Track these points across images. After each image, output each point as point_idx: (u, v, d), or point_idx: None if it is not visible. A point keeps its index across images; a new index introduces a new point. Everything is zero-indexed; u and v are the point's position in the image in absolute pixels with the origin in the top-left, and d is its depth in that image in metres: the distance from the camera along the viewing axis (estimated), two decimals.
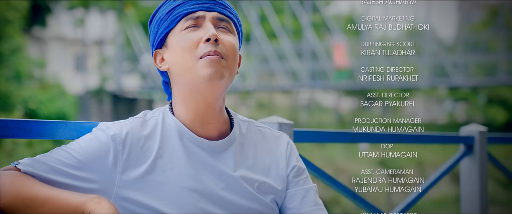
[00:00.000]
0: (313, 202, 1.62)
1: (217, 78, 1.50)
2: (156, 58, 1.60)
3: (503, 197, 15.05)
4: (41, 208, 1.37)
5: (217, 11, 1.56)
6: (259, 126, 1.69)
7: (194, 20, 1.54)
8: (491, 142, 3.40)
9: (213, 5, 1.56)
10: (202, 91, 1.52)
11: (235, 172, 1.55)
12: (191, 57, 1.51)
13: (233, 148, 1.57)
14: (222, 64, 1.50)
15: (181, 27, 1.54)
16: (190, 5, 1.55)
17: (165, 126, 1.54)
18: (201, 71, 1.49)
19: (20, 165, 1.41)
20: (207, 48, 1.50)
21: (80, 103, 19.15)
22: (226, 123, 1.60)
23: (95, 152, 1.45)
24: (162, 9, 1.59)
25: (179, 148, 1.52)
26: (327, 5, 22.52)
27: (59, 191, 1.39)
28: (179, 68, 1.53)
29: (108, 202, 1.38)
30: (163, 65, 1.59)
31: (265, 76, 21.23)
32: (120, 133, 1.48)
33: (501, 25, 16.42)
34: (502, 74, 15.75)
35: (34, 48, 21.26)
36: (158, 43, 1.59)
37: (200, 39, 1.51)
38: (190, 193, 1.49)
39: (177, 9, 1.56)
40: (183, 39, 1.53)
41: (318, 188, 1.67)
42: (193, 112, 1.54)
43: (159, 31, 1.58)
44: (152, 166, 1.49)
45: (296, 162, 1.65)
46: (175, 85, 1.57)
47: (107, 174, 1.45)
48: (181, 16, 1.55)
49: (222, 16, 1.57)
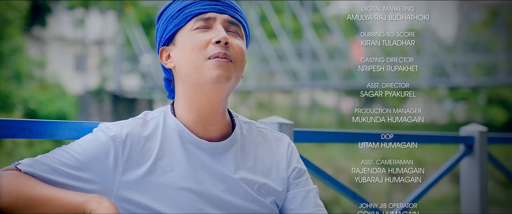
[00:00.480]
0: (314, 204, 1.62)
1: (224, 81, 1.50)
2: (162, 55, 1.60)
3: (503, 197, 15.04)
4: (41, 208, 1.37)
5: (228, 14, 1.56)
6: (260, 127, 1.69)
7: (205, 21, 1.54)
8: (491, 142, 3.40)
9: (225, 8, 1.56)
10: (207, 92, 1.52)
11: (235, 173, 1.55)
12: (200, 57, 1.50)
13: (234, 149, 1.57)
14: (230, 67, 1.51)
15: (191, 27, 1.54)
16: (202, 5, 1.54)
17: (166, 127, 1.54)
18: (208, 72, 1.49)
19: (21, 165, 1.41)
20: (216, 49, 1.50)
21: (80, 103, 19.15)
22: (228, 125, 1.60)
23: (95, 153, 1.45)
24: (172, 7, 1.58)
25: (180, 149, 1.52)
26: (327, 5, 22.51)
27: (59, 191, 1.39)
28: (186, 67, 1.52)
29: (109, 202, 1.38)
30: (169, 62, 1.58)
31: (265, 76, 21.23)
32: (121, 134, 1.48)
33: (501, 25, 16.41)
34: (502, 74, 15.75)
35: (34, 48, 21.26)
36: (166, 40, 1.58)
37: (210, 40, 1.51)
38: (190, 195, 1.48)
39: (188, 8, 1.55)
40: (192, 39, 1.52)
41: (318, 188, 1.67)
42: (196, 113, 1.54)
43: (168, 28, 1.57)
44: (152, 167, 1.49)
45: (296, 164, 1.65)
46: (179, 84, 1.56)
47: (107, 174, 1.45)
48: (192, 16, 1.54)
49: (233, 20, 1.56)
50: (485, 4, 22.04)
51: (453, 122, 21.83)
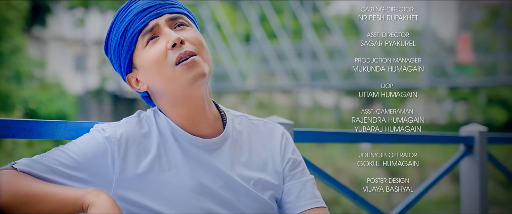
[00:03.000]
0: (311, 195, 1.60)
1: (201, 78, 1.49)
2: (131, 82, 1.57)
3: (503, 197, 15.04)
4: (39, 204, 1.37)
5: (166, 13, 1.53)
6: (252, 119, 1.67)
7: (151, 32, 1.51)
8: (491, 142, 3.39)
9: (160, 9, 1.52)
10: (190, 95, 1.51)
11: (231, 169, 1.54)
12: (166, 68, 1.48)
13: (228, 144, 1.57)
14: (198, 61, 1.49)
15: (142, 45, 1.51)
16: (139, 19, 1.51)
17: (159, 126, 1.54)
18: (182, 77, 1.48)
19: (17, 165, 1.42)
20: (176, 53, 1.48)
21: (80, 103, 19.15)
22: (217, 119, 1.59)
23: (92, 152, 1.45)
24: (114, 34, 1.54)
25: (175, 147, 1.52)
26: (327, 5, 22.51)
27: (57, 187, 1.39)
28: (159, 83, 1.51)
29: (107, 195, 1.38)
30: (141, 86, 1.56)
31: (265, 76, 21.23)
32: (115, 134, 1.48)
33: (501, 25, 16.41)
34: (502, 74, 15.75)
35: (34, 48, 21.26)
36: (126, 68, 1.55)
37: (166, 48, 1.49)
38: (189, 193, 1.48)
39: (128, 29, 1.51)
40: (150, 55, 1.49)
41: (318, 188, 1.66)
42: (184, 115, 1.53)
43: (122, 57, 1.54)
44: (150, 166, 1.48)
45: (291, 155, 1.64)
46: (160, 98, 1.55)
47: (105, 174, 1.45)
48: (136, 35, 1.51)
49: (173, 15, 1.53)
50: (485, 4, 22.04)
51: (453, 122, 21.82)
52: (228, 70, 19.67)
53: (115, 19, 1.54)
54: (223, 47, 19.82)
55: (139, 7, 1.52)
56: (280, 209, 1.61)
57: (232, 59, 19.77)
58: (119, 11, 1.55)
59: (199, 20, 20.35)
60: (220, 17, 20.19)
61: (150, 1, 1.53)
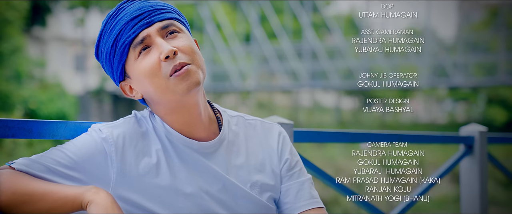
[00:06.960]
0: (308, 195, 1.60)
1: (195, 86, 1.47)
2: (125, 89, 1.56)
3: (503, 197, 15.04)
4: (38, 203, 1.37)
5: (157, 21, 1.49)
6: (249, 119, 1.66)
7: (142, 44, 1.48)
8: (491, 142, 3.39)
9: (150, 17, 1.49)
10: (186, 104, 1.50)
11: (228, 172, 1.53)
12: (160, 80, 1.46)
13: (224, 147, 1.56)
14: (193, 70, 1.47)
15: (134, 56, 1.48)
16: (129, 28, 1.48)
17: (155, 128, 1.53)
18: (177, 88, 1.46)
19: (15, 164, 1.41)
20: (170, 65, 1.46)
21: (80, 103, 19.16)
22: (213, 122, 1.58)
23: (90, 152, 1.45)
24: (104, 43, 1.51)
25: (171, 151, 1.51)
26: (327, 5, 22.51)
27: (55, 185, 1.39)
28: (154, 93, 1.49)
29: (106, 192, 1.38)
30: (135, 94, 1.55)
31: (265, 76, 21.23)
32: (111, 135, 1.48)
33: (501, 25, 16.41)
34: (502, 74, 15.74)
35: (34, 48, 21.26)
36: (119, 76, 1.54)
37: (159, 59, 1.46)
38: (186, 196, 1.48)
39: (119, 38, 1.48)
40: (143, 67, 1.47)
41: (318, 188, 1.66)
42: (180, 121, 1.53)
43: (114, 66, 1.52)
44: (147, 168, 1.48)
45: (288, 155, 1.63)
46: (154, 105, 1.54)
47: (102, 174, 1.45)
48: (127, 46, 1.48)
49: (165, 23, 1.50)
50: (485, 4, 22.04)
51: (453, 122, 21.82)
52: (228, 70, 19.68)
53: (104, 27, 1.51)
54: (223, 47, 19.83)
55: (128, 15, 1.48)
56: (278, 210, 1.61)
57: (232, 59, 19.77)
58: (108, 18, 1.51)
59: (199, 20, 20.36)
60: (220, 17, 20.20)
61: (139, 8, 1.49)
